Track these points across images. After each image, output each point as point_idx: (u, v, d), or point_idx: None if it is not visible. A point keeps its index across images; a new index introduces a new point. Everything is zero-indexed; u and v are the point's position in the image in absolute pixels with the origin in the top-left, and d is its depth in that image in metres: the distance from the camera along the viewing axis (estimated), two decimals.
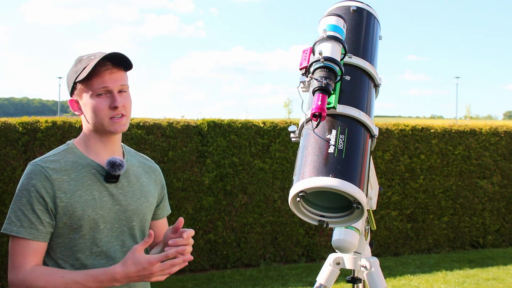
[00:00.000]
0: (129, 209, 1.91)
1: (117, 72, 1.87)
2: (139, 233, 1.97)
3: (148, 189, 2.01)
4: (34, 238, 1.78)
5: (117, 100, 1.84)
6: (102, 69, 1.84)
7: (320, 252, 6.95)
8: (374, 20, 2.06)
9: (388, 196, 7.24)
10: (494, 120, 69.95)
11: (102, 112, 1.85)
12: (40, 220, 1.78)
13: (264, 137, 6.72)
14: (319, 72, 1.69)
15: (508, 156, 7.93)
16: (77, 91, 1.89)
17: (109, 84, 1.84)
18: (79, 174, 1.85)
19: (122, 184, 1.92)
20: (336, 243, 2.02)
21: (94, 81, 1.84)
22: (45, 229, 1.80)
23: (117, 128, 1.87)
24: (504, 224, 7.95)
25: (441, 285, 5.92)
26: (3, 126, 5.54)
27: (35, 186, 1.79)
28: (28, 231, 1.77)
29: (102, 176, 1.87)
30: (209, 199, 6.40)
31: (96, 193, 1.85)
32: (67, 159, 1.87)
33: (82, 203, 1.81)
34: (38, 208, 1.78)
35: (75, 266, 1.82)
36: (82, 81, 1.85)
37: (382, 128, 7.26)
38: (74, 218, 1.80)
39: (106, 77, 1.84)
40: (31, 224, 1.78)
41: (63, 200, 1.80)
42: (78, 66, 1.88)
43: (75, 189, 1.82)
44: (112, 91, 1.85)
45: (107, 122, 1.85)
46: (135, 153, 2.08)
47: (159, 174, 2.11)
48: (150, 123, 6.23)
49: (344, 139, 1.65)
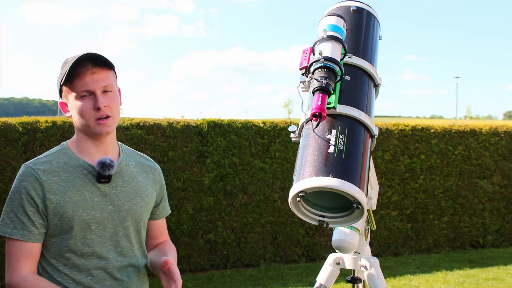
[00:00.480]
0: (122, 209, 1.90)
1: (100, 72, 1.84)
2: (134, 234, 1.95)
3: (145, 188, 1.99)
4: (27, 240, 1.79)
5: (98, 101, 1.81)
6: (83, 70, 1.82)
7: (320, 252, 6.95)
8: (374, 20, 2.06)
9: (388, 196, 7.24)
10: (494, 120, 69.97)
11: (87, 113, 1.83)
12: (32, 221, 1.79)
13: (264, 137, 6.72)
14: (319, 72, 1.69)
15: (508, 156, 7.92)
16: (64, 93, 1.89)
17: (91, 85, 1.82)
18: (70, 175, 1.84)
19: (116, 184, 1.91)
20: (336, 243, 2.02)
21: (76, 83, 1.83)
22: (38, 230, 1.81)
23: (102, 129, 1.84)
24: (504, 224, 7.95)
25: (441, 285, 5.92)
26: (3, 126, 5.54)
27: (25, 188, 1.80)
28: (21, 233, 1.79)
29: (94, 176, 1.86)
30: (209, 199, 6.40)
31: (87, 194, 1.84)
32: (59, 160, 1.87)
33: (72, 204, 1.81)
34: (29, 210, 1.79)
35: (67, 265, 1.83)
36: (65, 83, 1.85)
37: (382, 128, 7.26)
38: (64, 219, 1.80)
39: (87, 78, 1.82)
40: (23, 225, 1.79)
41: (53, 202, 1.80)
42: (64, 68, 1.87)
43: (65, 190, 1.82)
44: (95, 92, 1.82)
45: (92, 124, 1.84)
46: (133, 153, 2.07)
47: (159, 173, 2.09)
48: (150, 123, 6.23)
49: (344, 139, 1.65)
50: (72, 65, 1.82)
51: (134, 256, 1.95)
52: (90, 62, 1.83)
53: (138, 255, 1.98)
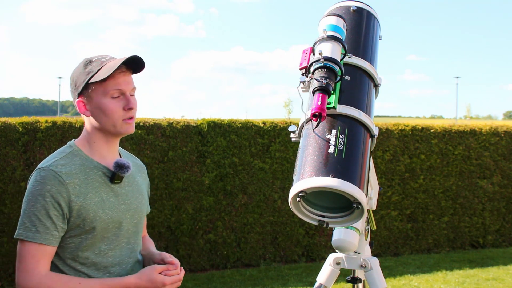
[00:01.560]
0: (132, 207, 1.97)
1: (129, 74, 1.93)
2: (140, 230, 2.03)
3: (142, 187, 2.08)
4: (49, 244, 1.80)
5: (131, 101, 1.90)
6: (117, 72, 1.87)
7: (320, 252, 6.95)
8: (374, 20, 2.06)
9: (388, 196, 7.24)
10: (494, 120, 69.86)
11: (117, 114, 1.89)
12: (55, 225, 1.80)
13: (264, 137, 6.72)
14: (319, 72, 1.69)
15: (508, 156, 7.92)
16: (88, 92, 1.89)
17: (123, 86, 1.89)
18: (88, 177, 1.87)
19: (124, 184, 1.96)
20: (336, 243, 2.02)
21: (108, 83, 1.87)
22: (58, 234, 1.82)
23: (129, 129, 1.94)
24: (504, 224, 7.95)
25: (441, 285, 5.92)
26: (3, 126, 5.53)
27: (50, 191, 1.80)
28: (44, 237, 1.79)
29: (107, 177, 1.91)
30: (209, 199, 6.40)
31: (104, 195, 1.89)
32: (75, 162, 1.88)
33: (94, 205, 1.85)
34: (53, 214, 1.80)
35: (85, 264, 1.85)
36: (96, 82, 1.86)
37: (382, 128, 7.26)
38: (87, 220, 1.83)
39: (121, 79, 1.88)
40: (46, 229, 1.79)
41: (77, 204, 1.82)
42: (89, 67, 1.88)
43: (86, 192, 1.85)
44: (126, 93, 1.90)
45: (120, 123, 1.90)
46: (126, 153, 2.14)
47: (145, 171, 2.18)
48: (150, 123, 6.23)
49: (344, 139, 1.65)
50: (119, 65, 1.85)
51: (139, 252, 2.03)
52: (124, 64, 1.89)
53: (138, 251, 2.04)
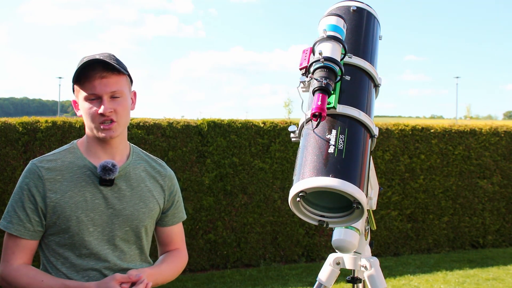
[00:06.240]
0: (123, 213, 1.87)
1: (110, 76, 1.81)
2: (134, 239, 1.92)
3: (150, 194, 1.95)
4: (20, 235, 1.80)
5: (103, 106, 1.79)
6: (92, 74, 1.80)
7: (320, 252, 6.95)
8: (374, 20, 2.06)
9: (388, 196, 7.24)
10: (494, 120, 69.85)
11: (92, 117, 1.82)
12: (29, 218, 1.80)
13: (264, 137, 6.72)
14: (319, 72, 1.69)
15: (508, 156, 7.92)
16: (75, 92, 1.89)
17: (98, 90, 1.80)
18: (74, 175, 1.84)
19: (120, 187, 1.88)
20: (336, 243, 2.01)
21: (85, 85, 1.82)
22: (33, 228, 1.81)
23: (106, 134, 1.82)
24: (504, 224, 7.94)
25: (441, 285, 5.92)
26: (3, 126, 5.53)
27: (28, 184, 1.81)
28: (15, 228, 1.80)
29: (97, 178, 1.84)
30: (209, 199, 6.40)
31: (88, 195, 1.83)
32: (65, 159, 1.86)
33: (72, 204, 1.80)
34: (28, 206, 1.80)
35: (65, 264, 1.83)
36: (76, 83, 1.85)
37: (382, 128, 7.26)
38: (62, 219, 1.80)
39: (96, 82, 1.80)
40: (20, 221, 1.80)
41: (53, 200, 1.80)
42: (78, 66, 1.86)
43: (66, 190, 1.81)
44: (102, 97, 1.80)
45: (96, 127, 1.82)
46: (145, 156, 2.02)
47: (169, 180, 2.03)
48: (150, 123, 6.23)
49: (344, 139, 1.65)
50: (82, 66, 1.80)
51: (133, 261, 1.92)
52: (102, 65, 1.80)
53: (138, 260, 1.95)
